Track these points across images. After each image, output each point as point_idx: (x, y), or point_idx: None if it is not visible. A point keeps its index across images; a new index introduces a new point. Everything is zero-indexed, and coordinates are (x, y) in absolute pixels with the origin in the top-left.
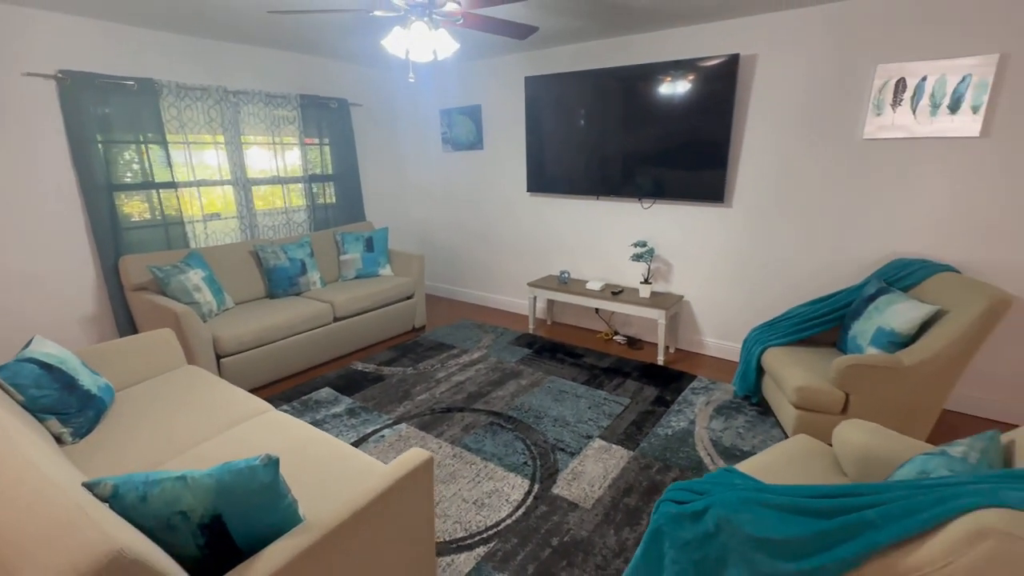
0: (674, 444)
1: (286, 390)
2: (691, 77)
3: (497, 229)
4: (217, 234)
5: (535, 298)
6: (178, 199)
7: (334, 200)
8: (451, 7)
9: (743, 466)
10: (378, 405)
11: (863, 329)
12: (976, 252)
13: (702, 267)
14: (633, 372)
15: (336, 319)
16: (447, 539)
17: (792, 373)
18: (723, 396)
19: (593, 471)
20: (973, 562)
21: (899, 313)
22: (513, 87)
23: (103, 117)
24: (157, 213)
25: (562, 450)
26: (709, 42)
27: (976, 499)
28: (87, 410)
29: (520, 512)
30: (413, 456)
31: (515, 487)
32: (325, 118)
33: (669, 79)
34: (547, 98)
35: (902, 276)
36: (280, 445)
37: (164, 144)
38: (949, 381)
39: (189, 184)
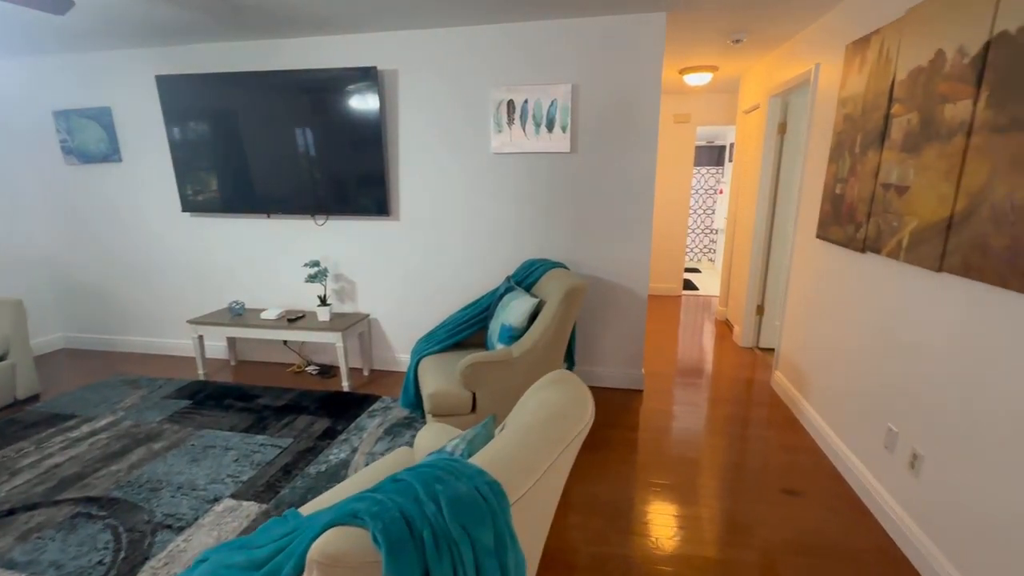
0: (322, 481)
1: None
2: (336, 87)
3: (153, 259)
4: None
5: (201, 338)
6: None
7: None
8: None
9: (346, 484)
10: None
11: (495, 328)
12: (577, 248)
13: (384, 282)
14: (311, 406)
15: None
16: None
17: (430, 381)
18: (399, 414)
19: (203, 542)
20: None
21: (514, 309)
22: (150, 87)
23: None
24: None
25: (169, 527)
26: (354, 53)
27: (321, 525)
28: None
29: None
30: None
31: None
32: None
33: (315, 88)
34: (189, 102)
35: (528, 275)
36: None
37: None
38: (555, 363)
39: None
